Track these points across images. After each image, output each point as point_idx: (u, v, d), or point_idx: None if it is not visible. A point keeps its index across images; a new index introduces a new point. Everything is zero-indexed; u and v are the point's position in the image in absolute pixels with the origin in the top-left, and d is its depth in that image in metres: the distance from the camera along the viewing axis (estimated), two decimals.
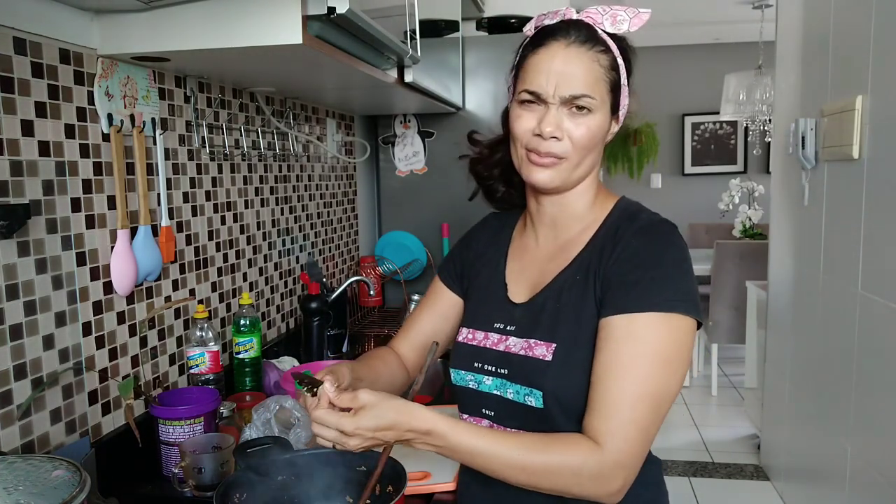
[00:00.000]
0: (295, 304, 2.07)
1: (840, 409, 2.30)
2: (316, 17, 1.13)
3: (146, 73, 1.35)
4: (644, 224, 0.96)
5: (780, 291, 3.04)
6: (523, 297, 1.03)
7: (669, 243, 0.94)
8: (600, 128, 0.96)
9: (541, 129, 0.94)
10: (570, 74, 0.93)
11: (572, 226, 1.03)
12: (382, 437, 0.86)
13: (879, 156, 2.02)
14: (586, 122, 0.95)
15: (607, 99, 0.96)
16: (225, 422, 1.34)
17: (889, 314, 1.93)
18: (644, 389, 0.87)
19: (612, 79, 0.96)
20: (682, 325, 0.90)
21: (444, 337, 1.20)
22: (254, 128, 1.78)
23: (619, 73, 0.97)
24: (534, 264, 1.06)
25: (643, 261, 0.92)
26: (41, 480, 0.78)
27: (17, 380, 1.05)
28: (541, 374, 0.95)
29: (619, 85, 0.97)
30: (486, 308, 1.08)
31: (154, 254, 1.34)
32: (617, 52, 0.96)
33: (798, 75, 2.80)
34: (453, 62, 2.40)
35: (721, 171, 6.11)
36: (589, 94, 0.94)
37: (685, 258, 0.94)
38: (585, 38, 0.94)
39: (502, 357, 1.01)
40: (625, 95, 0.99)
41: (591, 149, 0.97)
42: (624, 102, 0.99)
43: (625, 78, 0.98)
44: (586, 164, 0.99)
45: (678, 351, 0.89)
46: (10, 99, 1.04)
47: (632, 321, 0.89)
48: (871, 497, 2.07)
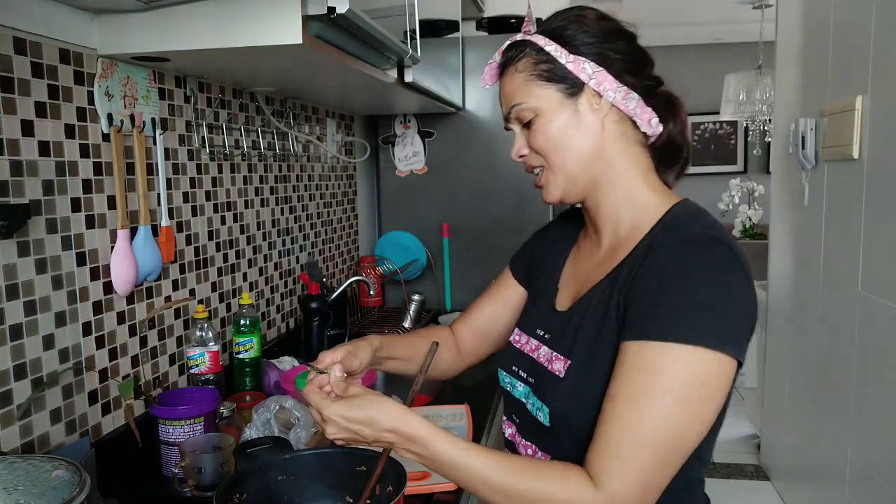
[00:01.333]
0: (295, 304, 2.07)
1: (840, 409, 2.30)
2: (316, 17, 1.13)
3: (146, 73, 1.35)
4: (685, 236, 0.83)
5: (780, 291, 3.04)
6: (565, 306, 0.98)
7: (710, 262, 0.79)
8: (556, 122, 0.89)
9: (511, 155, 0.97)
10: (503, 96, 0.95)
11: (617, 229, 0.94)
12: (359, 430, 0.84)
13: (879, 156, 2.02)
14: (536, 128, 0.91)
15: (550, 92, 0.89)
16: (225, 422, 1.34)
17: (889, 314, 1.93)
18: (653, 431, 0.75)
19: (542, 71, 0.89)
20: (711, 361, 0.76)
21: (503, 327, 1.16)
22: (254, 128, 1.78)
23: (553, 57, 0.89)
24: (584, 270, 0.99)
25: (672, 281, 0.79)
26: (41, 480, 0.78)
27: (17, 380, 1.05)
28: (552, 391, 0.89)
29: (556, 68, 0.89)
30: (536, 312, 1.04)
31: (154, 254, 1.34)
32: (543, 42, 0.89)
33: (798, 75, 2.80)
34: (453, 62, 2.40)
35: (721, 171, 6.11)
36: (516, 103, 0.91)
37: (729, 281, 0.79)
38: (507, 59, 0.94)
39: (533, 365, 0.96)
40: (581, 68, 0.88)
41: (562, 148, 0.90)
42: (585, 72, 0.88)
43: (565, 55, 0.89)
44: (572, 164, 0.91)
45: (702, 392, 0.76)
46: (10, 99, 1.04)
47: (649, 350, 0.77)
48: (871, 497, 2.07)
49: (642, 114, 0.91)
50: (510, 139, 0.98)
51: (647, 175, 0.93)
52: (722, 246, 0.80)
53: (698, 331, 0.76)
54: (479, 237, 2.60)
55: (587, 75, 0.88)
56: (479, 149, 2.57)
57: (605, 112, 0.90)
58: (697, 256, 0.80)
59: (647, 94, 0.91)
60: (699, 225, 0.84)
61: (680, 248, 0.81)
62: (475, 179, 2.58)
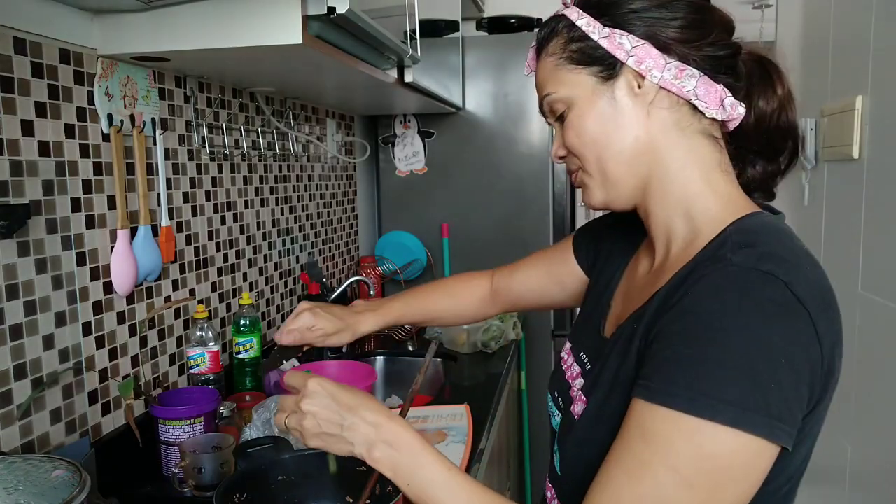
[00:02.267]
0: (295, 304, 2.07)
1: (840, 409, 2.30)
2: (316, 17, 1.13)
3: (146, 73, 1.35)
4: (723, 269, 0.63)
5: None
6: (609, 331, 0.82)
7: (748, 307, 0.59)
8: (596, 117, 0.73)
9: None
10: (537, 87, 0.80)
11: (669, 245, 0.76)
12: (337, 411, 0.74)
13: (879, 156, 2.02)
14: (569, 123, 0.75)
15: (583, 77, 0.74)
16: (225, 422, 1.34)
17: (889, 314, 1.93)
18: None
19: (573, 52, 0.74)
20: (734, 442, 0.58)
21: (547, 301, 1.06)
22: (254, 128, 1.78)
23: (585, 33, 0.73)
24: (633, 289, 0.82)
25: (695, 330, 0.61)
26: (41, 480, 0.78)
27: (17, 380, 1.05)
28: (566, 434, 0.77)
29: (588, 47, 0.73)
30: (585, 329, 0.88)
31: (154, 254, 1.34)
32: (576, 15, 0.74)
33: (798, 75, 2.80)
34: (453, 62, 2.40)
35: None
36: (546, 93, 0.77)
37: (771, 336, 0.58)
38: (540, 40, 0.79)
39: (566, 396, 0.83)
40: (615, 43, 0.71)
41: (602, 142, 0.74)
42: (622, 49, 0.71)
43: (598, 29, 0.72)
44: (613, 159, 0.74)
45: (715, 478, 0.59)
46: (10, 99, 1.04)
47: (651, 413, 0.61)
48: (871, 497, 2.07)
49: (707, 94, 0.71)
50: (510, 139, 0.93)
51: (710, 175, 0.73)
52: (776, 285, 0.60)
53: (711, 399, 0.58)
54: (479, 237, 2.60)
55: (625, 52, 0.71)
56: (479, 149, 2.57)
57: (651, 97, 0.72)
58: (731, 297, 0.60)
59: (715, 68, 0.71)
60: (754, 251, 0.63)
61: (715, 283, 0.62)
62: (475, 179, 2.58)
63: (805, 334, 0.60)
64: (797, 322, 0.60)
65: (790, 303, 0.60)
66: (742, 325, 0.59)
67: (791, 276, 0.61)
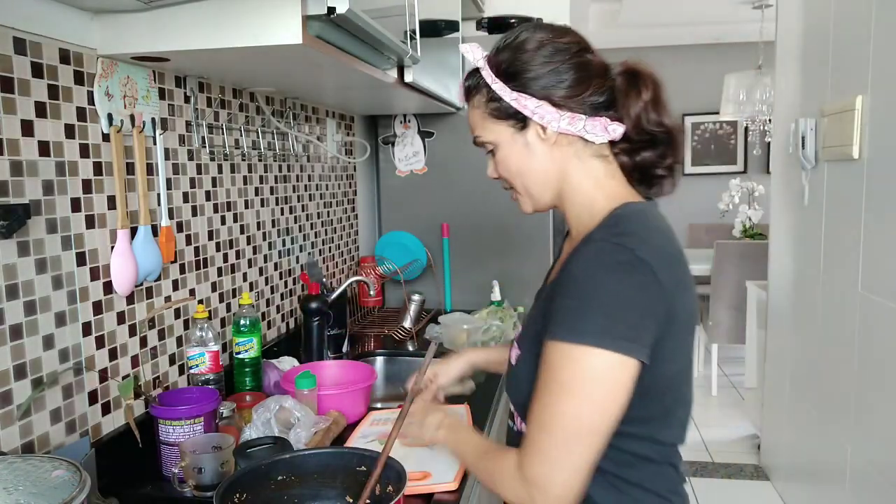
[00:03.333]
0: (295, 304, 2.07)
1: (840, 409, 2.30)
2: (316, 17, 1.13)
3: (146, 73, 1.35)
4: (590, 244, 0.90)
5: (780, 291, 3.04)
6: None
7: (607, 265, 0.86)
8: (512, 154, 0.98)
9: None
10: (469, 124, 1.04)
11: (579, 228, 1.00)
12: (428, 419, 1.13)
13: (879, 156, 2.02)
14: (498, 158, 1.00)
15: (502, 128, 0.97)
16: (225, 422, 1.34)
17: (889, 314, 1.93)
18: (548, 418, 0.86)
19: (492, 109, 0.97)
20: (592, 358, 0.83)
21: None
22: (254, 128, 1.78)
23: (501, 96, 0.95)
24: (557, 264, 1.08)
25: (566, 285, 0.88)
26: (41, 480, 0.78)
27: (17, 380, 1.05)
28: (508, 376, 1.03)
29: (503, 106, 0.96)
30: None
31: (154, 254, 1.34)
32: (490, 78, 0.96)
33: (798, 75, 2.80)
34: (453, 62, 2.40)
35: (721, 171, 6.11)
36: (477, 135, 1.01)
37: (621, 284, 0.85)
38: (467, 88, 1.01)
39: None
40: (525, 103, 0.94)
41: (519, 174, 0.99)
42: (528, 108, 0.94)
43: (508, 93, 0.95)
44: (534, 185, 0.99)
45: (584, 384, 0.84)
46: (10, 99, 1.04)
47: (551, 349, 0.87)
48: (871, 497, 2.07)
49: (594, 127, 0.94)
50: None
51: (601, 182, 0.98)
52: (622, 250, 0.86)
53: (577, 331, 0.84)
54: (479, 237, 2.60)
55: (530, 111, 0.94)
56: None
57: (553, 140, 0.96)
58: (596, 261, 0.87)
59: (597, 108, 0.95)
60: (611, 231, 0.91)
61: (584, 253, 0.89)
62: (475, 179, 2.58)
63: (646, 282, 0.85)
64: (639, 274, 0.85)
65: (634, 261, 0.85)
66: (598, 279, 0.85)
67: (636, 244, 0.86)
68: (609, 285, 0.85)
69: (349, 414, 1.48)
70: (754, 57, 4.57)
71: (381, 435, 1.39)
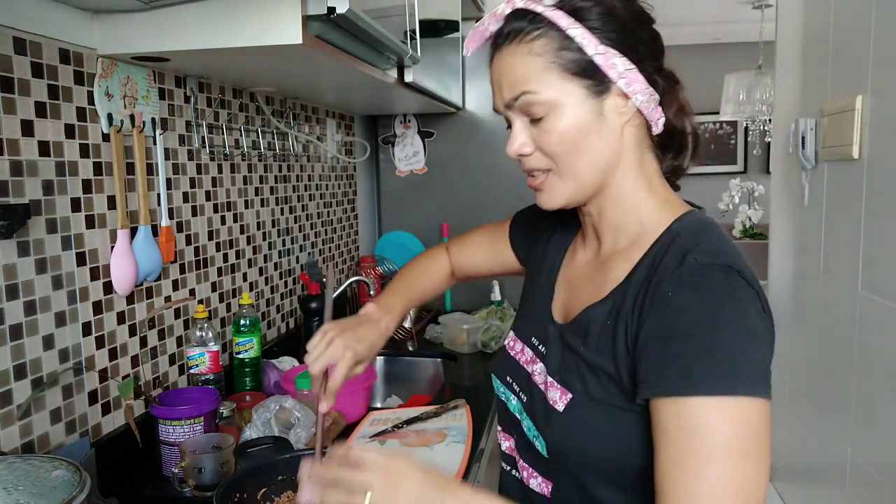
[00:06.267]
0: (295, 304, 2.07)
1: (840, 409, 2.30)
2: (316, 17, 1.13)
3: (146, 73, 1.35)
4: (689, 270, 0.72)
5: (780, 291, 3.04)
6: (560, 316, 0.89)
7: (723, 299, 0.70)
8: (575, 124, 0.77)
9: (507, 151, 0.83)
10: (504, 78, 0.80)
11: (617, 238, 0.85)
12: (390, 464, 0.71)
13: (879, 156, 2.02)
14: (549, 125, 0.78)
15: (571, 86, 0.77)
16: (225, 422, 1.34)
17: (889, 314, 1.93)
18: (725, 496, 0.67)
19: (567, 60, 0.76)
20: (749, 408, 0.68)
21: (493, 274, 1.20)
22: (254, 128, 1.78)
23: (582, 46, 0.76)
24: (577, 278, 0.90)
25: (690, 324, 0.70)
26: (41, 480, 0.78)
27: (17, 380, 1.05)
28: (548, 422, 0.82)
29: (583, 60, 0.76)
30: (531, 317, 0.95)
31: (154, 254, 1.34)
32: (570, 23, 0.75)
33: (798, 75, 2.80)
34: (453, 62, 2.40)
35: (721, 171, 6.11)
36: (529, 90, 0.77)
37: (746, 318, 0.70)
38: (514, 30, 0.78)
39: (527, 381, 0.89)
40: (611, 64, 0.76)
41: (576, 151, 0.78)
42: (619, 69, 0.76)
43: (594, 45, 0.75)
44: (585, 169, 0.80)
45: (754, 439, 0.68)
46: (10, 99, 1.04)
47: (682, 409, 0.69)
48: (871, 497, 2.07)
49: (657, 116, 0.81)
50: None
51: (652, 182, 0.84)
52: (735, 275, 0.72)
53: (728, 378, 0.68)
54: None
55: (617, 73, 0.76)
56: (479, 149, 2.57)
57: (629, 116, 0.79)
58: (708, 293, 0.71)
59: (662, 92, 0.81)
60: (703, 250, 0.74)
61: (691, 283, 0.72)
62: (475, 179, 2.58)
63: (762, 311, 0.72)
64: (755, 302, 0.72)
65: (748, 288, 0.72)
66: (726, 313, 0.70)
67: (738, 265, 0.73)
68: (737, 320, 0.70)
69: (349, 414, 1.48)
70: (754, 57, 4.57)
71: (380, 436, 1.39)
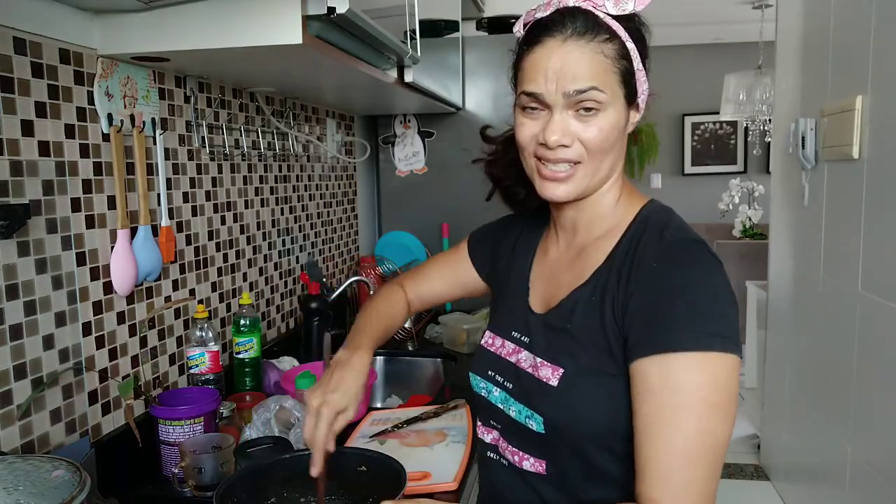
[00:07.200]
0: (295, 304, 2.07)
1: (840, 409, 2.30)
2: (316, 17, 1.13)
3: (146, 73, 1.35)
4: (668, 244, 0.84)
5: (780, 291, 3.04)
6: (540, 307, 0.96)
7: (699, 267, 0.81)
8: (615, 125, 0.85)
9: (545, 137, 0.85)
10: (572, 70, 0.82)
11: (592, 230, 0.94)
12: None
13: (879, 156, 2.02)
14: (597, 122, 0.84)
15: (619, 92, 0.85)
16: (225, 422, 1.34)
17: (889, 314, 1.93)
18: (696, 444, 0.75)
19: (622, 68, 0.84)
20: (723, 364, 0.76)
21: (454, 298, 1.24)
22: (254, 128, 1.78)
23: (632, 61, 0.85)
24: (553, 270, 0.98)
25: (669, 291, 0.80)
26: (41, 480, 0.78)
27: (17, 380, 1.05)
28: (543, 399, 0.87)
29: (631, 73, 0.86)
30: (509, 313, 1.01)
31: (154, 254, 1.34)
32: (626, 37, 0.84)
33: (798, 75, 2.80)
34: (453, 62, 2.40)
35: (721, 171, 6.11)
36: (597, 87, 0.83)
37: (718, 283, 0.80)
38: (585, 27, 0.83)
39: (512, 370, 0.95)
40: (642, 81, 0.87)
41: (609, 150, 0.87)
42: (642, 88, 0.88)
43: (639, 62, 0.86)
44: (606, 166, 0.88)
45: (724, 394, 0.76)
46: (10, 99, 1.04)
47: (665, 366, 0.77)
48: (871, 497, 2.07)
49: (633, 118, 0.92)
50: None
51: (622, 177, 0.94)
52: (703, 248, 0.83)
53: (708, 336, 0.77)
54: None
55: (642, 91, 0.88)
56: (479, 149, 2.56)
57: (634, 127, 0.92)
58: (688, 263, 0.81)
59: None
60: (676, 228, 0.86)
61: (670, 256, 0.82)
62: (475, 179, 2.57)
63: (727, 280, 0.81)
64: (722, 270, 0.82)
65: (714, 262, 0.82)
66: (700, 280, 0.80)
67: (704, 241, 0.84)
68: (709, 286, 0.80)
69: None
70: (754, 57, 4.57)
71: (380, 436, 1.39)
